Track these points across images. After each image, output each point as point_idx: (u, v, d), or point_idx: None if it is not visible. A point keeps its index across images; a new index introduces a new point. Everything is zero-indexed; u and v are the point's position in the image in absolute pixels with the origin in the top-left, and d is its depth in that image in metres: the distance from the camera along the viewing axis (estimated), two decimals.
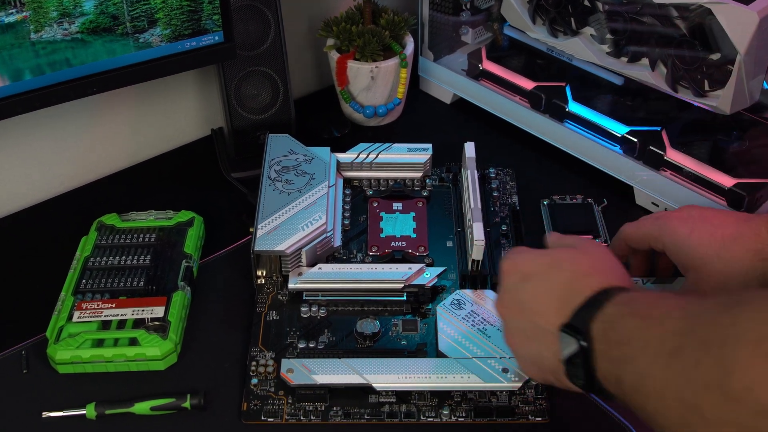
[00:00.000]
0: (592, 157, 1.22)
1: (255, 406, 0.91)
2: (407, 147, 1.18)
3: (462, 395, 0.92)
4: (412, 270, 1.01)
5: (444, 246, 1.09)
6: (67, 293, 1.01)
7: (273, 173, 1.10)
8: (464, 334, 0.95)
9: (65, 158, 1.25)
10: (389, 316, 1.00)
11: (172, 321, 0.97)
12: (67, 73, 1.01)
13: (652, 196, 1.15)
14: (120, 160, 1.31)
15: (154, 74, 1.09)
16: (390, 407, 0.91)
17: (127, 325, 0.97)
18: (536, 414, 0.90)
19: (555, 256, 0.80)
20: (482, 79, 1.35)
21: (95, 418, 0.90)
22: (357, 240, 1.10)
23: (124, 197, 1.22)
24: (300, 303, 1.01)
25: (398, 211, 1.14)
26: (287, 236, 1.01)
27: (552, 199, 1.18)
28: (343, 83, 1.32)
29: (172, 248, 1.07)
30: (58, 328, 0.97)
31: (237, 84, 1.21)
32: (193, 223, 1.11)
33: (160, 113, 1.32)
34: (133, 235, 1.09)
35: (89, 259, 1.05)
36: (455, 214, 1.14)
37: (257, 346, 0.97)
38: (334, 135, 1.34)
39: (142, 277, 1.03)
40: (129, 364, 0.95)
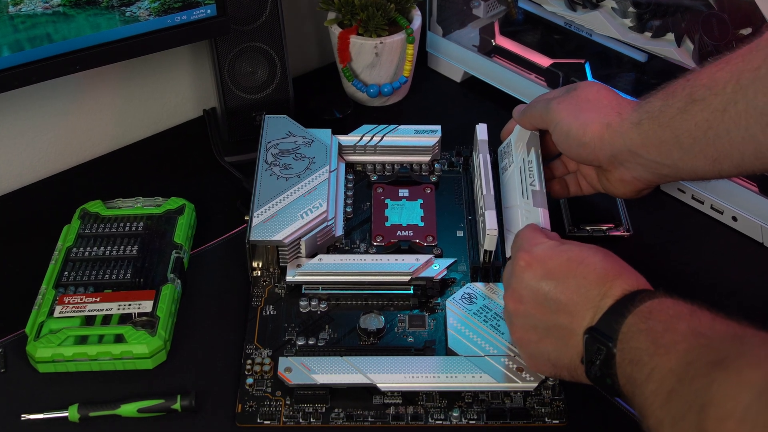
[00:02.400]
0: None
1: (250, 408, 0.90)
2: (414, 129, 1.18)
3: (473, 396, 0.91)
4: (420, 261, 1.01)
5: (454, 235, 1.09)
6: (48, 286, 1.01)
7: (270, 157, 1.10)
8: (476, 331, 0.94)
9: (46, 141, 1.25)
10: (395, 311, 1.00)
11: (161, 316, 0.97)
12: (48, 49, 1.01)
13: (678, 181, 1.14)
14: (105, 143, 1.30)
15: (141, 50, 1.09)
16: (395, 409, 0.90)
17: (113, 321, 0.97)
18: (553, 416, 0.90)
19: (583, 255, 0.82)
20: (495, 56, 1.34)
21: (78, 421, 0.90)
22: (360, 229, 1.10)
23: (109, 183, 1.22)
24: (299, 297, 1.01)
25: (404, 198, 1.13)
26: (285, 225, 1.01)
27: None
28: (345, 60, 1.31)
29: (161, 238, 1.07)
30: (38, 324, 0.96)
31: (231, 61, 1.20)
32: (183, 211, 1.11)
33: (149, 93, 1.32)
34: (119, 224, 1.08)
35: (72, 250, 1.05)
36: (466, 201, 1.14)
37: (253, 344, 0.96)
38: (336, 116, 1.34)
39: (128, 269, 1.03)
40: (115, 362, 0.94)
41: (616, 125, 0.95)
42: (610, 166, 0.99)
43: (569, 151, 1.01)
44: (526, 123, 1.07)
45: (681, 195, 1.15)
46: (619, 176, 0.99)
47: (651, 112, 0.93)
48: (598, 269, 0.80)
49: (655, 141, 0.92)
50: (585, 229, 1.10)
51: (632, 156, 0.95)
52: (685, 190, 1.14)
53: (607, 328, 0.75)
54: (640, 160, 0.95)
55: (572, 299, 0.80)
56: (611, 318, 0.75)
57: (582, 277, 0.80)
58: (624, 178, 0.99)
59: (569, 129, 0.98)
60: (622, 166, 0.98)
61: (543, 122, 1.04)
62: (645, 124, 0.93)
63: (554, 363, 0.83)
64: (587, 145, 0.97)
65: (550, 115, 1.01)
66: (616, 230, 1.10)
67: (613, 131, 0.95)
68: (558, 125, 1.00)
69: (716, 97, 0.86)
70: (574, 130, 0.98)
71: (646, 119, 0.93)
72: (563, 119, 0.99)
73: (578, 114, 0.98)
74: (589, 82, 1.04)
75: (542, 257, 0.84)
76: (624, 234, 1.10)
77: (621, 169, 0.98)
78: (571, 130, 0.98)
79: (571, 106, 1.00)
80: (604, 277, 0.79)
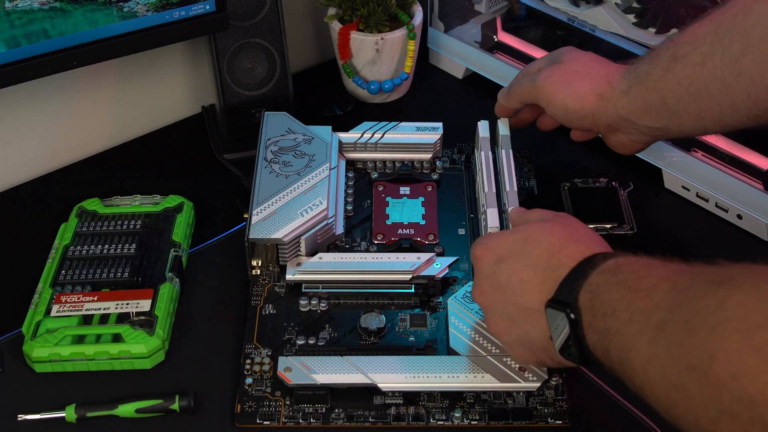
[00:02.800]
0: None
1: (249, 408, 0.90)
2: (416, 126, 1.18)
3: (475, 396, 0.91)
4: (421, 260, 1.01)
5: (456, 234, 1.09)
6: (45, 285, 1.00)
7: (269, 154, 1.10)
8: (478, 330, 0.94)
9: (43, 138, 1.25)
10: (396, 310, 1.00)
11: (159, 315, 0.97)
12: (45, 45, 1.01)
13: (682, 179, 1.15)
14: (102, 141, 1.30)
15: (139, 46, 1.09)
16: (396, 409, 0.90)
17: (110, 320, 0.97)
18: (556, 417, 0.90)
19: (528, 232, 0.83)
20: (497, 52, 1.34)
21: (75, 422, 0.90)
22: (361, 227, 1.10)
23: (107, 180, 1.22)
24: (299, 296, 1.01)
25: (406, 196, 1.13)
26: (285, 223, 1.01)
27: (573, 183, 1.17)
28: (345, 56, 1.31)
29: (159, 236, 1.07)
30: (35, 324, 0.96)
31: (230, 57, 1.20)
32: (182, 209, 1.11)
33: (146, 89, 1.32)
34: (117, 222, 1.08)
35: (69, 248, 1.05)
36: (468, 199, 1.14)
37: (252, 343, 0.96)
38: (336, 113, 1.34)
39: (126, 268, 1.03)
40: (112, 362, 0.94)
41: (609, 95, 0.98)
42: (608, 132, 1.03)
43: (570, 123, 1.04)
44: (514, 101, 1.09)
45: (685, 193, 1.15)
46: (617, 140, 1.04)
47: (638, 77, 0.96)
48: (543, 244, 0.80)
49: (644, 107, 0.96)
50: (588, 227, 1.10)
51: (626, 123, 0.99)
52: (689, 188, 1.14)
53: (565, 295, 0.74)
54: (634, 126, 0.99)
55: (523, 278, 0.80)
56: (569, 284, 0.74)
57: (529, 254, 0.80)
58: (622, 141, 1.04)
59: (566, 104, 1.01)
60: (619, 131, 1.02)
61: (532, 97, 1.05)
62: (633, 91, 0.96)
63: (530, 347, 0.82)
64: (587, 117, 1.00)
65: (541, 90, 1.03)
66: (619, 229, 1.10)
67: (607, 101, 0.98)
68: (552, 101, 1.02)
69: (696, 51, 0.89)
70: (571, 104, 1.00)
71: (635, 86, 0.96)
72: (556, 94, 1.01)
73: (571, 87, 1.00)
74: (571, 49, 1.06)
75: (493, 244, 0.85)
76: (628, 232, 1.10)
77: (618, 134, 1.03)
78: (568, 105, 1.00)
79: (561, 79, 1.02)
80: (550, 250, 0.79)
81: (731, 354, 0.55)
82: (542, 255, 0.79)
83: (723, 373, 0.55)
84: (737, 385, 0.55)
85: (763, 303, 0.56)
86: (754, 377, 0.54)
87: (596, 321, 0.70)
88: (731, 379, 0.55)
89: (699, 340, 0.58)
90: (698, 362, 0.58)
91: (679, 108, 0.92)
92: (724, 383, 0.55)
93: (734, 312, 0.57)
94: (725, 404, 0.56)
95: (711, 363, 0.56)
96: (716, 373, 0.56)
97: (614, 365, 0.69)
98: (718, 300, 0.58)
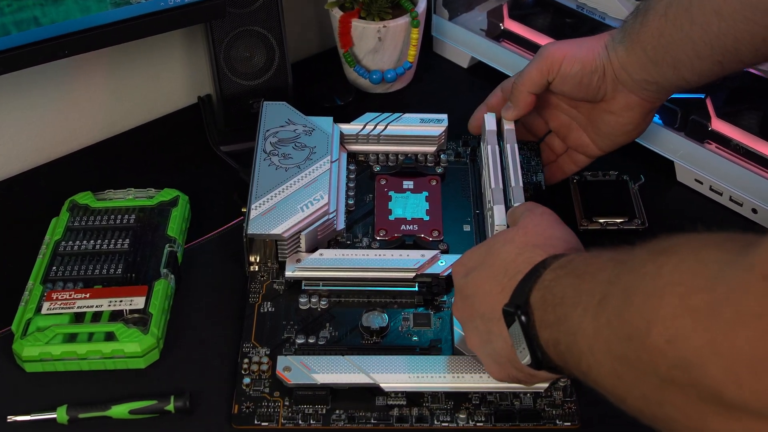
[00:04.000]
0: None
1: (247, 409, 0.90)
2: (419, 117, 1.17)
3: (481, 397, 0.91)
4: (425, 257, 1.01)
5: (461, 230, 1.09)
6: (36, 282, 1.00)
7: (268, 146, 1.10)
8: None
9: (33, 130, 1.24)
10: (399, 308, 1.00)
11: (153, 313, 0.97)
12: (36, 33, 1.00)
13: (695, 171, 1.15)
14: (95, 132, 1.30)
15: (133, 35, 1.09)
16: (399, 410, 0.90)
17: (103, 318, 0.97)
18: (564, 418, 0.90)
19: (491, 242, 0.85)
20: (504, 40, 1.34)
21: (67, 423, 0.90)
22: (363, 222, 1.10)
23: (99, 173, 1.22)
24: (298, 293, 1.01)
25: (409, 190, 1.13)
26: (284, 218, 1.00)
27: (582, 176, 1.17)
28: (346, 45, 1.31)
29: (154, 231, 1.07)
30: (25, 321, 0.96)
31: (227, 46, 1.20)
32: (177, 203, 1.11)
33: (141, 79, 1.32)
34: (110, 217, 1.08)
35: (60, 244, 1.05)
36: (473, 194, 1.14)
37: (250, 342, 0.96)
38: (337, 103, 1.34)
39: (119, 264, 1.03)
40: (105, 361, 0.94)
41: (610, 45, 1.02)
42: (615, 93, 1.04)
43: (579, 83, 1.04)
44: (524, 90, 1.08)
45: (698, 186, 1.15)
46: (625, 102, 1.04)
47: (626, 30, 1.00)
48: (502, 253, 0.81)
49: (634, 59, 0.99)
50: (598, 222, 1.10)
51: (627, 75, 1.01)
52: (702, 181, 1.14)
53: (517, 298, 0.75)
54: (633, 81, 1.01)
55: (485, 288, 0.81)
56: (521, 287, 0.75)
57: (490, 264, 0.82)
58: (629, 102, 1.04)
59: (575, 59, 1.03)
60: (625, 87, 1.03)
61: (543, 74, 1.05)
62: (626, 42, 1.00)
63: (498, 361, 0.83)
64: (597, 70, 1.02)
65: (551, 57, 1.04)
66: (630, 224, 1.10)
67: (610, 51, 1.02)
68: (564, 61, 1.03)
69: (660, 2, 0.95)
70: (583, 56, 1.02)
71: (626, 38, 1.00)
72: (568, 53, 1.03)
73: (580, 45, 1.04)
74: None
75: (465, 257, 0.87)
76: (639, 227, 1.10)
77: (625, 93, 1.03)
78: (581, 57, 1.02)
79: (568, 43, 1.05)
80: (507, 258, 0.80)
81: (667, 319, 0.56)
82: (501, 264, 0.81)
83: (659, 339, 0.56)
84: (673, 349, 0.55)
85: (699, 267, 0.57)
86: (689, 340, 0.54)
87: (547, 315, 0.71)
88: (667, 344, 0.56)
89: (636, 308, 0.59)
90: (636, 331, 0.59)
91: (658, 59, 0.97)
92: (660, 349, 0.56)
93: (671, 278, 0.58)
94: (663, 371, 0.57)
95: (648, 330, 0.57)
96: (653, 340, 0.57)
97: (564, 357, 0.70)
98: (655, 267, 0.59)
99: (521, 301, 0.74)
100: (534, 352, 0.73)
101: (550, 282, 0.73)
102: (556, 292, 0.71)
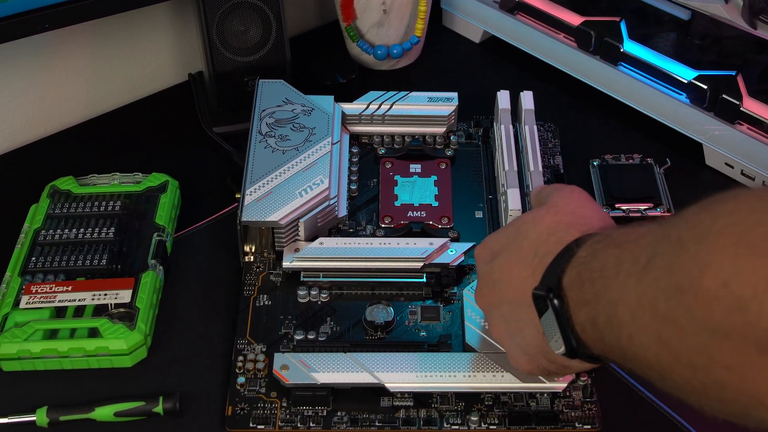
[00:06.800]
0: (651, 107, 1.21)
1: (242, 411, 0.90)
2: (428, 96, 1.18)
3: (494, 398, 0.91)
4: (434, 246, 1.01)
5: (472, 217, 1.09)
6: (13, 274, 1.00)
7: (264, 127, 1.10)
8: None
9: (11, 111, 1.25)
10: (405, 301, 1.00)
11: (140, 308, 0.96)
12: (13, 5, 1.01)
13: (725, 154, 1.15)
14: (77, 112, 1.31)
15: (118, 7, 1.09)
16: (406, 412, 0.90)
17: (86, 313, 0.96)
18: (584, 421, 0.89)
19: (518, 223, 0.84)
20: (518, 13, 1.33)
21: (47, 426, 0.89)
22: (366, 209, 1.10)
23: (82, 156, 1.22)
24: (297, 285, 1.01)
25: (416, 175, 1.13)
26: (281, 204, 1.00)
27: (603, 160, 1.17)
28: (349, 18, 1.31)
29: (141, 219, 1.07)
30: (2, 317, 0.96)
31: (220, 19, 1.20)
32: (166, 189, 1.10)
33: (126, 55, 1.32)
34: (94, 203, 1.08)
35: (40, 232, 1.05)
36: (486, 177, 1.14)
37: (244, 338, 0.96)
38: (339, 81, 1.34)
39: (104, 254, 1.02)
40: (89, 359, 0.94)
41: None
42: None
43: None
44: None
45: (729, 170, 1.14)
46: None
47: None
48: (532, 234, 0.80)
49: None
50: (620, 209, 1.10)
51: None
52: (733, 164, 1.13)
53: (549, 280, 0.74)
54: None
55: (513, 273, 0.80)
56: (552, 266, 0.75)
57: (518, 247, 0.81)
58: None
59: None
60: None
61: None
62: None
63: (527, 351, 0.81)
64: None
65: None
66: (655, 210, 1.10)
67: None
68: None
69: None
70: None
71: None
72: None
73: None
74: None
75: (490, 241, 0.86)
76: (664, 215, 1.09)
77: None
78: None
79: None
80: (537, 239, 0.79)
81: (724, 260, 0.55)
82: (530, 246, 0.80)
83: (714, 282, 0.55)
84: (728, 292, 0.55)
85: (759, 204, 0.57)
86: (747, 277, 0.54)
87: (584, 293, 0.70)
88: (722, 288, 0.55)
89: (690, 256, 0.58)
90: (688, 279, 0.58)
91: None
92: (715, 294, 0.55)
93: (728, 219, 0.57)
94: (717, 320, 0.56)
95: (701, 275, 0.56)
96: (707, 287, 0.56)
97: (603, 336, 0.68)
98: (711, 214, 0.59)
99: (553, 284, 0.73)
100: (568, 339, 0.72)
101: (585, 258, 0.72)
102: (593, 266, 0.70)
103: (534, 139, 1.06)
